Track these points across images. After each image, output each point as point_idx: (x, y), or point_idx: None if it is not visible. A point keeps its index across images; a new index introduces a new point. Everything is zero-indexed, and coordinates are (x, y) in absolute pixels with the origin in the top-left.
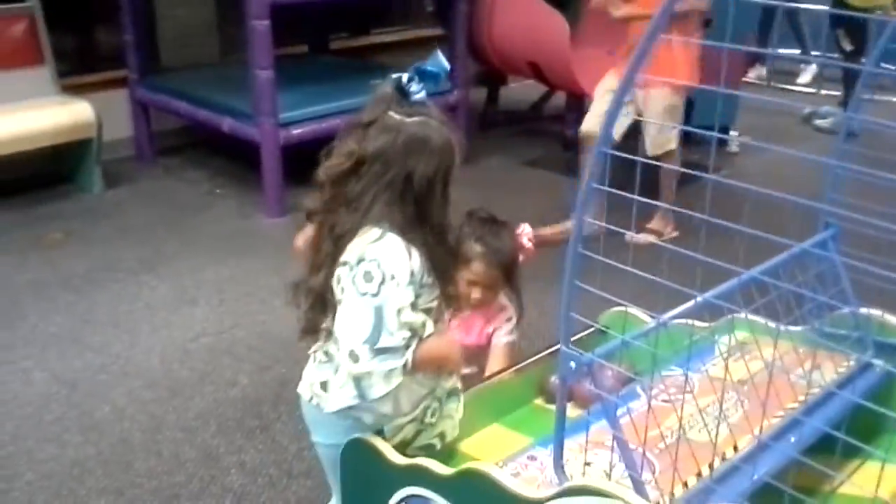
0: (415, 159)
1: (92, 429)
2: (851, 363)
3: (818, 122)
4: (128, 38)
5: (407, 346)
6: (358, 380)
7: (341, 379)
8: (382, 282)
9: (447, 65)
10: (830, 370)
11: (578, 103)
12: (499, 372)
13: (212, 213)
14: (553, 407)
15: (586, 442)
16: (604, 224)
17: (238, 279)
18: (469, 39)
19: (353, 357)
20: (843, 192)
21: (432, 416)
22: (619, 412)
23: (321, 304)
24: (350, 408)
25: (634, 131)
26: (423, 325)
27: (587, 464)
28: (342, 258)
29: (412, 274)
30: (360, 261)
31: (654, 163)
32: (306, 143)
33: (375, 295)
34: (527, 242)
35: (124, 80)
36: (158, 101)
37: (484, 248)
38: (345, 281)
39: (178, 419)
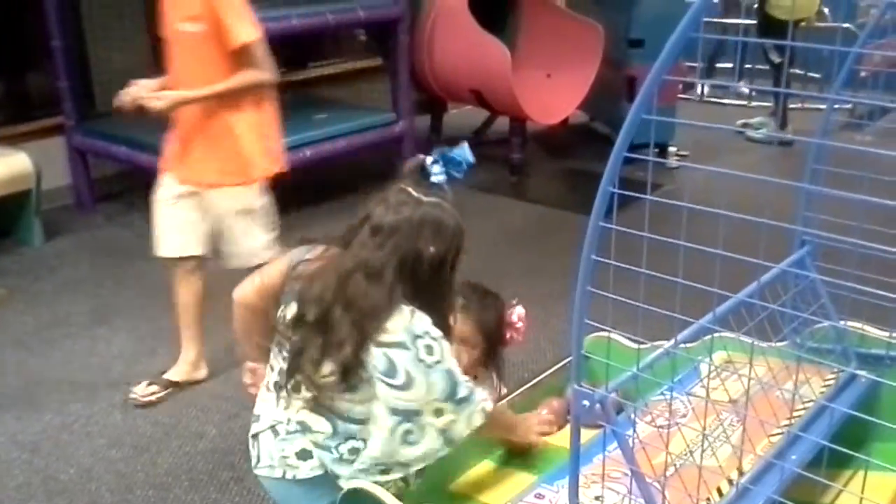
0: (428, 239)
1: (59, 493)
2: (837, 375)
3: (751, 133)
4: (62, 85)
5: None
6: (443, 431)
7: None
8: (442, 348)
9: (472, 158)
10: (818, 384)
11: (521, 127)
12: None
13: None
14: (548, 439)
15: (603, 474)
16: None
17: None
18: (410, 68)
19: (438, 413)
20: (817, 210)
21: (403, 482)
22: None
23: (342, 374)
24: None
25: None
26: None
27: (597, 498)
28: (387, 338)
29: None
30: (415, 338)
31: None
32: None
33: (440, 362)
34: (516, 321)
35: (60, 127)
36: (96, 148)
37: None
38: (405, 361)
39: (148, 477)
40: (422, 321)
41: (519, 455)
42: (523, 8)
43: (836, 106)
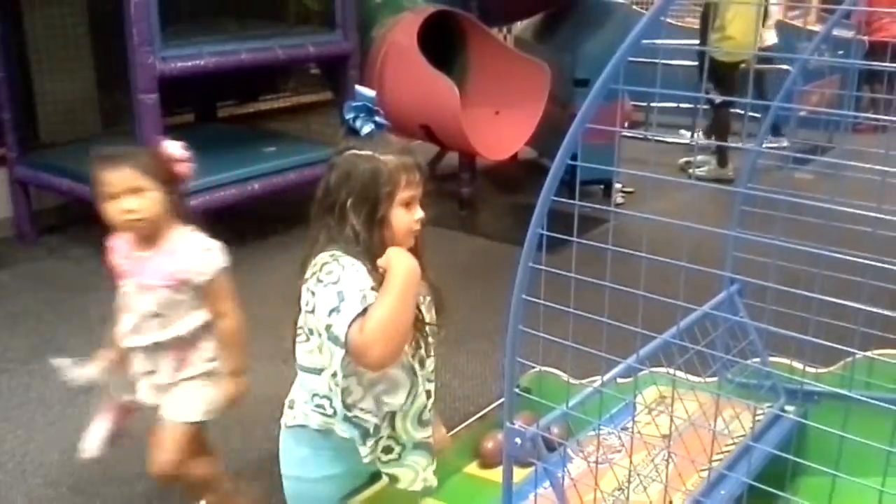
0: (343, 191)
1: None
2: (766, 411)
3: (694, 170)
4: (4, 116)
5: None
6: (332, 338)
7: (304, 394)
8: (343, 270)
9: (369, 92)
10: (748, 419)
11: (471, 163)
12: None
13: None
14: (488, 473)
15: None
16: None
17: None
18: None
19: (328, 329)
20: (746, 251)
21: (387, 453)
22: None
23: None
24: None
25: None
26: None
27: None
28: (306, 275)
29: (368, 270)
30: (323, 264)
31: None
32: (200, 215)
33: (336, 283)
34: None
35: (2, 158)
36: (39, 179)
37: None
38: (310, 284)
39: None
40: (342, 257)
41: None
42: (471, 47)
43: (774, 146)
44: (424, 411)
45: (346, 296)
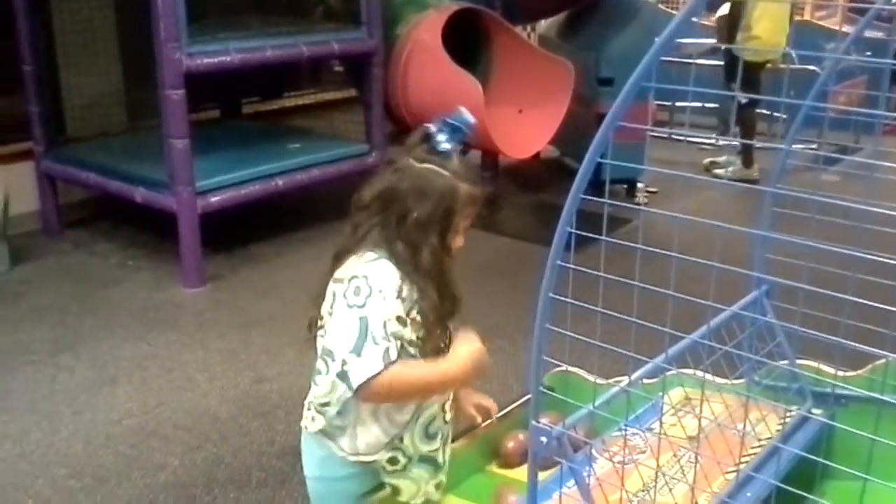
0: (412, 203)
1: None
2: (793, 414)
3: (718, 171)
4: (32, 110)
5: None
6: (343, 375)
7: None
8: (369, 294)
9: (471, 119)
10: (774, 421)
11: (494, 161)
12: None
13: (126, 286)
14: (509, 472)
15: None
16: None
17: (159, 355)
18: (384, 101)
19: (343, 365)
20: (774, 251)
21: (392, 464)
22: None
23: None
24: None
25: None
26: (416, 340)
27: None
28: (336, 275)
29: (400, 291)
30: (352, 278)
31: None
32: (225, 210)
33: (361, 307)
34: None
35: (29, 152)
36: (66, 174)
37: None
38: (337, 296)
39: None
40: (373, 266)
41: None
42: (496, 45)
43: (800, 147)
44: (432, 423)
45: (370, 328)
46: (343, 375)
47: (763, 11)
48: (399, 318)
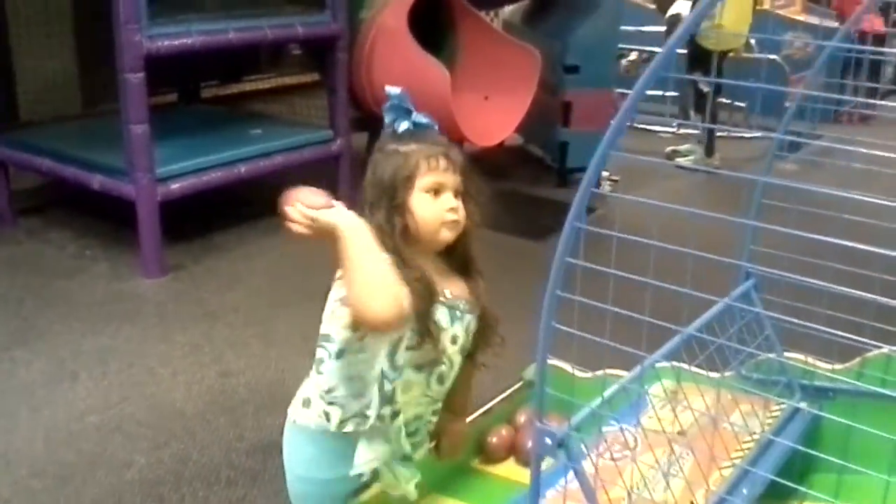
0: (368, 187)
1: None
2: (782, 407)
3: (680, 159)
4: None
5: None
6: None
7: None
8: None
9: (397, 89)
10: (764, 415)
11: (459, 147)
12: None
13: (83, 277)
14: (493, 468)
15: None
16: None
17: (120, 348)
18: (348, 86)
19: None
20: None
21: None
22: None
23: None
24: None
25: None
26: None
27: None
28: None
29: None
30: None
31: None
32: (186, 198)
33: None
34: None
35: None
36: (19, 159)
37: None
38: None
39: None
40: None
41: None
42: (461, 31)
43: (762, 135)
44: (414, 422)
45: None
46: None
47: (728, 1)
48: None
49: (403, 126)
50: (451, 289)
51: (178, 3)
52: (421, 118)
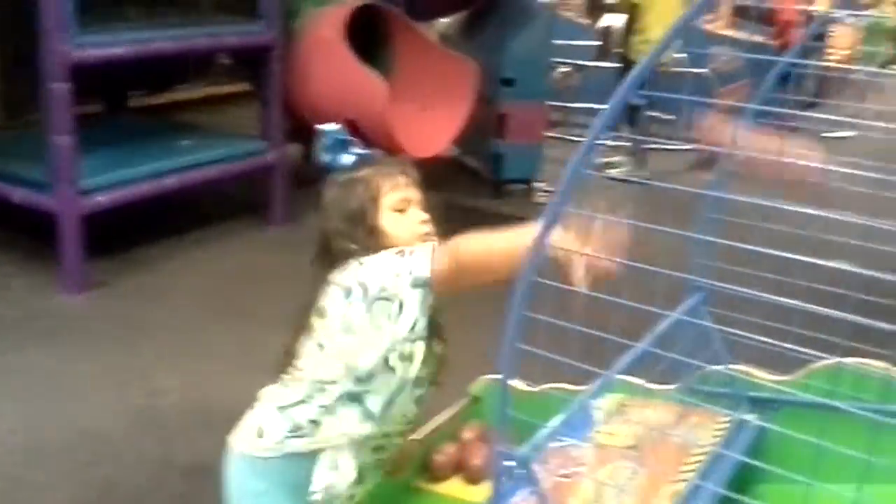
0: (328, 222)
1: None
2: (728, 419)
3: (611, 171)
4: None
5: None
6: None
7: (283, 420)
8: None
9: (334, 126)
10: (711, 428)
11: (410, 162)
12: None
13: (0, 294)
14: (438, 487)
15: None
16: None
17: (42, 368)
18: (282, 97)
19: (399, 279)
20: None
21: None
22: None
23: None
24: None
25: None
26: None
27: None
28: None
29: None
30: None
31: None
32: (110, 211)
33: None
34: None
35: None
36: None
37: None
38: (347, 278)
39: None
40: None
41: None
42: (397, 42)
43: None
44: (382, 439)
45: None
46: (414, 282)
47: (656, 16)
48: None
49: (348, 159)
50: None
51: (106, 11)
52: (360, 149)
